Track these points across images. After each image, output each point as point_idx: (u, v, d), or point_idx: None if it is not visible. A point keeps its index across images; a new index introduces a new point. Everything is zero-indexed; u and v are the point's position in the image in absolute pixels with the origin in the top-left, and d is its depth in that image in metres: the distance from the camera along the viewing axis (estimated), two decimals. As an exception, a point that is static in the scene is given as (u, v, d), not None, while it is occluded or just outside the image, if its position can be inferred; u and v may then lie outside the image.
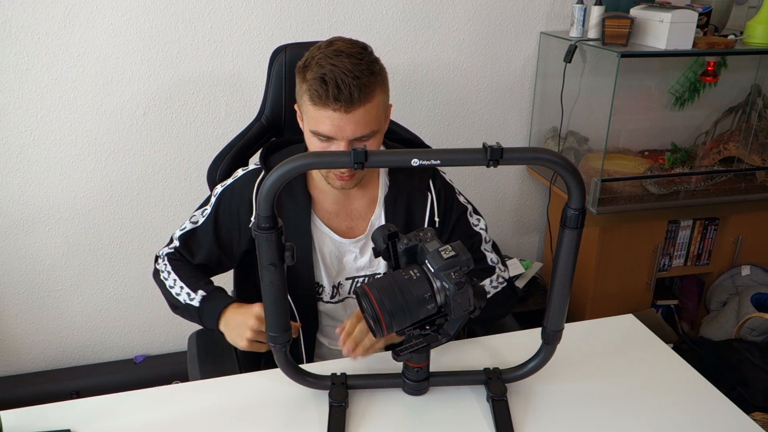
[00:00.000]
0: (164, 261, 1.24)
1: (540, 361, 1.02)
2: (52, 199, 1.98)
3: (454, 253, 0.88)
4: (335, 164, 0.83)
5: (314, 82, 1.03)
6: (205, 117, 2.00)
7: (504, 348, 1.18)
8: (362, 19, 2.00)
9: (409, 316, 0.89)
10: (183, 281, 1.20)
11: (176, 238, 1.24)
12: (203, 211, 1.24)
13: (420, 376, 1.02)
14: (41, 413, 1.01)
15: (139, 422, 1.00)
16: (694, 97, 2.31)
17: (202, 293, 1.17)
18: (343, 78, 1.01)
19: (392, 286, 0.88)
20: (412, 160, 0.79)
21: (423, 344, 0.95)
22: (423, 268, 0.90)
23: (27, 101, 1.85)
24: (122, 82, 1.90)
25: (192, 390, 1.09)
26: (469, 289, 0.87)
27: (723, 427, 1.00)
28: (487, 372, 1.06)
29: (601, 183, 2.00)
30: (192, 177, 2.06)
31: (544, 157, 0.82)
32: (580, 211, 0.87)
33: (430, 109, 2.20)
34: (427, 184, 1.24)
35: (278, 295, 0.91)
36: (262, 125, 1.35)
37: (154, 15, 1.84)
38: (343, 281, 1.25)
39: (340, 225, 1.22)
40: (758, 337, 2.02)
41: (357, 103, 1.03)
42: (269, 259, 0.86)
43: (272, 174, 0.79)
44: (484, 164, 0.79)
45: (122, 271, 2.14)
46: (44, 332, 2.15)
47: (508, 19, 2.15)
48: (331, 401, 1.01)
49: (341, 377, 1.05)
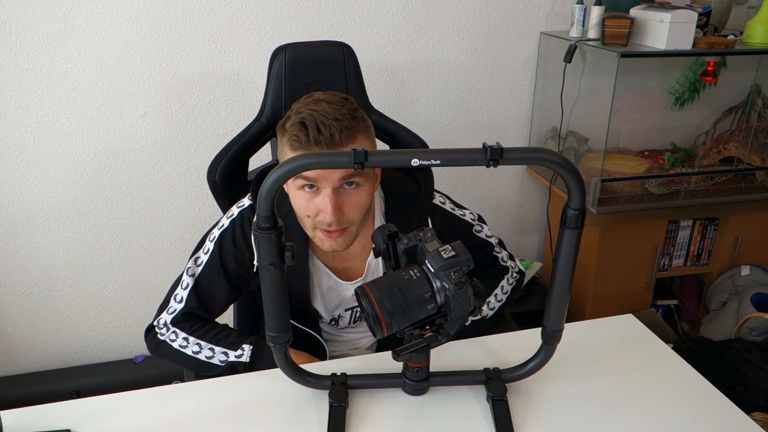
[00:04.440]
0: (171, 329, 1.14)
1: (540, 361, 1.02)
2: (52, 199, 1.98)
3: (454, 253, 0.88)
4: (335, 164, 0.82)
5: (293, 128, 1.00)
6: (205, 117, 2.00)
7: (504, 348, 1.18)
8: (362, 19, 2.00)
9: (409, 317, 0.89)
10: (212, 342, 1.11)
11: (179, 301, 1.15)
12: (197, 260, 1.17)
13: (420, 376, 1.02)
14: (41, 413, 1.01)
15: (139, 422, 1.00)
16: (694, 97, 2.31)
17: (249, 348, 1.11)
18: (323, 120, 0.98)
19: (392, 286, 0.88)
20: (412, 160, 0.78)
21: (423, 344, 0.95)
22: (423, 268, 0.90)
23: (27, 101, 1.85)
24: (122, 82, 1.90)
25: (192, 390, 1.09)
26: (469, 289, 0.87)
27: (723, 427, 1.00)
28: (487, 372, 1.06)
29: (601, 183, 2.00)
30: (192, 177, 2.06)
31: (544, 157, 0.82)
32: (580, 211, 0.86)
33: (430, 109, 2.20)
34: (426, 223, 1.20)
35: (278, 295, 0.90)
36: (262, 125, 1.35)
37: (154, 15, 1.85)
38: (343, 313, 1.25)
39: (337, 265, 1.20)
40: (758, 337, 2.02)
41: (339, 144, 0.99)
42: (269, 258, 0.86)
43: (272, 174, 0.79)
44: (484, 164, 0.78)
45: (122, 271, 2.14)
46: (44, 332, 2.15)
47: (508, 19, 2.15)
48: (331, 401, 1.01)
49: (341, 377, 1.05)
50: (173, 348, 1.13)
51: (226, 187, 1.32)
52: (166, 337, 1.14)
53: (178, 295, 1.16)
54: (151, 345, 1.18)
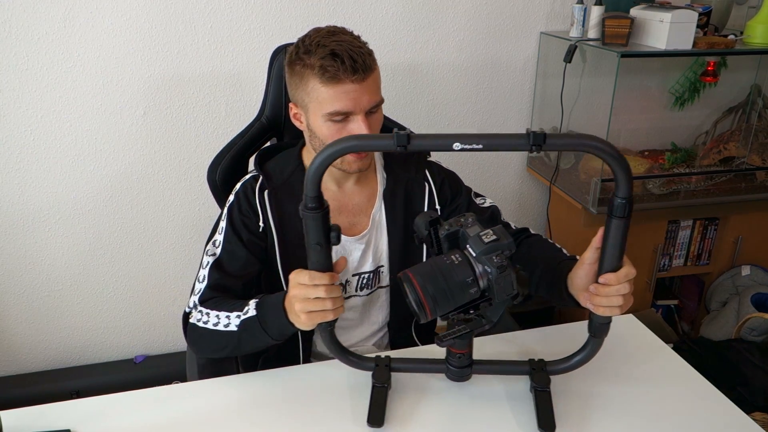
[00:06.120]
0: (198, 308, 1.13)
1: (587, 354, 1.01)
2: (52, 199, 1.98)
3: (495, 237, 0.89)
4: (378, 147, 0.85)
5: (325, 60, 1.03)
6: (205, 117, 2.00)
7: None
8: (362, 19, 2.00)
9: (453, 301, 0.90)
10: (227, 310, 1.09)
11: (202, 280, 1.15)
12: (215, 242, 1.18)
13: (463, 362, 1.03)
14: (41, 413, 1.01)
15: (139, 422, 1.00)
16: (694, 97, 2.31)
17: (254, 301, 1.07)
18: (351, 49, 1.03)
19: (435, 271, 0.89)
20: (453, 144, 0.79)
21: (466, 330, 0.95)
22: (465, 252, 0.91)
23: (27, 101, 1.85)
24: (122, 82, 1.90)
25: (192, 390, 1.09)
26: (511, 273, 0.88)
27: (723, 427, 1.00)
28: (531, 363, 1.06)
29: (601, 183, 2.00)
30: (192, 177, 2.06)
31: (589, 143, 0.80)
32: (627, 200, 0.84)
33: (430, 109, 2.20)
34: (423, 174, 1.25)
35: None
36: (262, 125, 1.35)
37: (154, 15, 1.85)
38: (350, 278, 1.25)
39: (342, 222, 1.21)
40: (758, 337, 2.02)
41: (369, 71, 1.05)
42: (316, 238, 0.89)
43: (318, 156, 0.83)
44: (527, 149, 0.79)
45: (122, 271, 2.14)
46: (44, 332, 2.15)
47: (508, 19, 2.15)
48: (374, 382, 1.03)
49: (385, 359, 1.06)
50: (201, 328, 1.11)
51: (226, 188, 1.32)
52: (196, 319, 1.13)
53: (200, 275, 1.16)
54: (189, 334, 1.15)
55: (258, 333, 1.04)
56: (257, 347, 1.09)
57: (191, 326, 1.14)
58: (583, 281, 0.98)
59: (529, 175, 2.42)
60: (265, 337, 1.04)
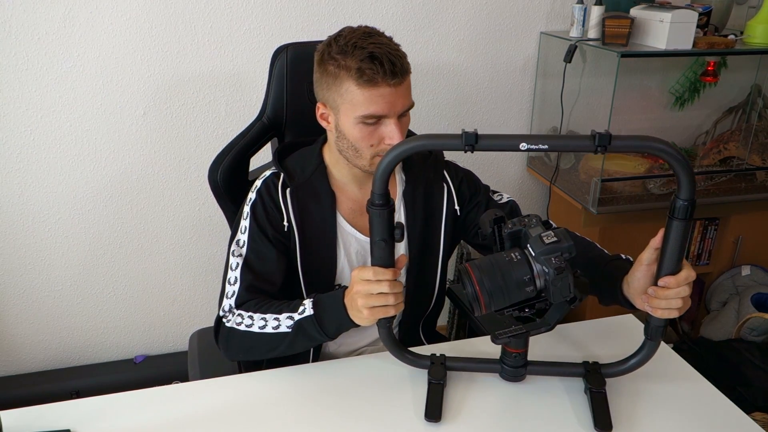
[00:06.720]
0: (236, 312, 1.10)
1: (643, 356, 1.02)
2: (52, 199, 1.98)
3: (555, 239, 0.90)
4: (446, 146, 0.87)
5: (364, 62, 1.02)
6: (205, 117, 2.00)
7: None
8: (362, 19, 2.00)
9: (508, 297, 0.91)
10: (276, 312, 1.07)
11: (233, 282, 1.12)
12: (238, 242, 1.15)
13: (517, 362, 1.04)
14: (41, 413, 1.01)
15: (139, 422, 1.00)
16: (694, 97, 2.31)
17: (310, 300, 1.05)
18: (389, 52, 1.03)
19: (493, 267, 0.90)
20: (520, 144, 0.81)
21: (523, 331, 0.97)
22: (524, 251, 0.92)
23: (27, 101, 1.85)
24: (122, 82, 1.90)
25: (192, 390, 1.09)
26: (569, 276, 0.88)
27: (723, 427, 1.00)
28: (585, 365, 1.07)
29: (601, 183, 2.00)
30: (192, 177, 2.06)
31: (653, 145, 0.80)
32: (690, 202, 0.84)
33: (430, 109, 2.20)
34: (441, 174, 1.25)
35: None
36: (263, 124, 1.35)
37: (154, 15, 1.85)
38: None
39: (363, 222, 1.19)
40: (758, 337, 2.02)
41: (405, 74, 1.06)
42: (380, 234, 0.92)
43: (388, 155, 0.86)
44: (592, 151, 0.80)
45: (122, 271, 2.14)
46: (44, 332, 2.15)
47: (508, 19, 2.15)
48: (430, 378, 1.05)
49: (440, 357, 1.08)
50: (241, 332, 1.08)
51: (227, 188, 1.32)
52: (233, 322, 1.10)
53: (231, 277, 1.13)
54: (222, 338, 1.12)
55: (314, 332, 1.04)
56: (307, 347, 1.12)
57: (228, 330, 1.10)
58: (641, 283, 0.99)
59: (529, 175, 2.42)
60: (320, 335, 1.04)
